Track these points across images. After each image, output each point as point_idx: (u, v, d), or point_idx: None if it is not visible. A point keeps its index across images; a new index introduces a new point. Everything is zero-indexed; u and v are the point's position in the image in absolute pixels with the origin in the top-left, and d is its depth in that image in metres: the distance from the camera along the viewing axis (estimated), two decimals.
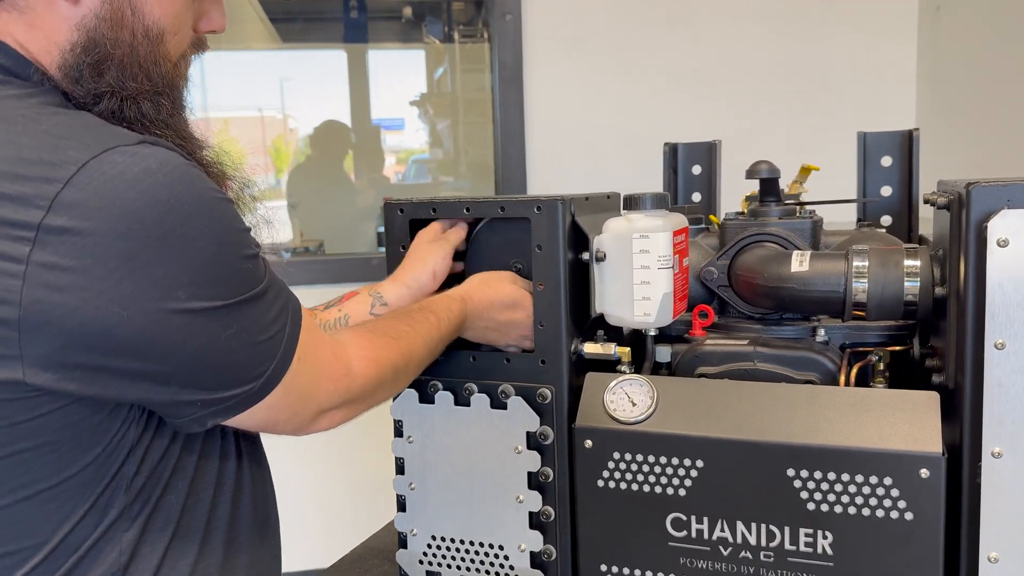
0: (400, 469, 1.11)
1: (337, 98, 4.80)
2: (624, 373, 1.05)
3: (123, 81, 0.78)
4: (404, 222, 1.10)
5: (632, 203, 1.07)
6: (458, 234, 1.10)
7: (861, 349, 1.10)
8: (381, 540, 1.31)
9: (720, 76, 2.55)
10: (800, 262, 1.05)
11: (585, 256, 1.05)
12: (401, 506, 1.12)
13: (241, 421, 0.79)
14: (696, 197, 1.50)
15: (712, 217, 1.27)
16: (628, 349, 1.05)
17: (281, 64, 5.49)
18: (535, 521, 1.05)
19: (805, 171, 1.25)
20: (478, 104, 4.37)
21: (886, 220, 1.36)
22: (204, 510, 0.84)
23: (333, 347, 0.87)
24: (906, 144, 1.34)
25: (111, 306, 0.66)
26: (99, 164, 0.66)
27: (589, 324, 1.08)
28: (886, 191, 1.37)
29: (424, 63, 5.08)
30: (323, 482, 2.61)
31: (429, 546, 1.10)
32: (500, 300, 1.03)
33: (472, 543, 1.08)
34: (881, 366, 1.06)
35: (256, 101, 5.72)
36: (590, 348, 1.06)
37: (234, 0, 4.61)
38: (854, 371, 1.02)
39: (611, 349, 1.05)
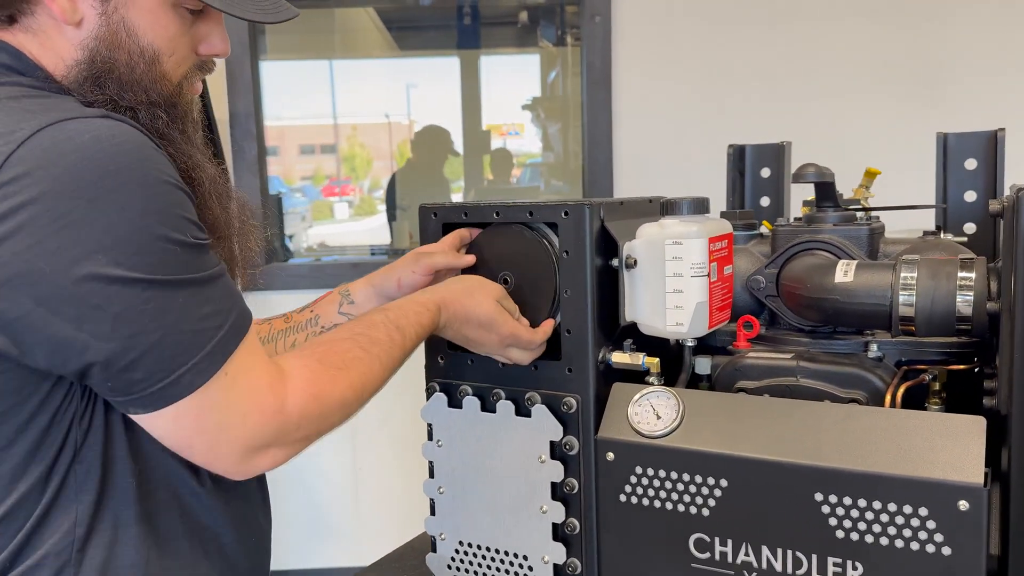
0: (431, 472, 1.11)
1: (455, 103, 4.88)
2: (652, 385, 1.01)
3: (121, 93, 0.84)
4: (438, 226, 1.10)
5: (669, 208, 1.03)
6: (443, 251, 1.08)
7: (918, 367, 1.02)
8: (423, 541, 1.31)
9: (816, 75, 2.44)
10: (845, 272, 0.98)
11: (615, 262, 1.02)
12: (432, 509, 1.12)
13: (152, 426, 0.77)
14: (764, 201, 1.44)
15: (766, 223, 1.21)
16: (657, 360, 1.01)
17: (405, 71, 5.64)
18: (560, 533, 1.03)
19: (870, 175, 1.17)
20: None
21: (969, 228, 1.25)
22: (160, 486, 0.85)
23: (271, 376, 0.81)
24: (991, 145, 1.24)
25: (36, 260, 0.69)
26: (53, 129, 0.71)
27: (619, 332, 1.05)
28: (970, 196, 1.26)
29: (538, 67, 5.10)
30: (376, 481, 2.65)
31: (457, 551, 1.10)
32: (476, 317, 0.98)
33: (498, 551, 1.06)
34: (937, 386, 0.98)
35: (383, 107, 5.90)
36: (618, 358, 1.02)
37: (352, 12, 4.78)
38: (901, 391, 0.94)
39: (639, 359, 1.01)
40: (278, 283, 2.53)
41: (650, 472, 0.96)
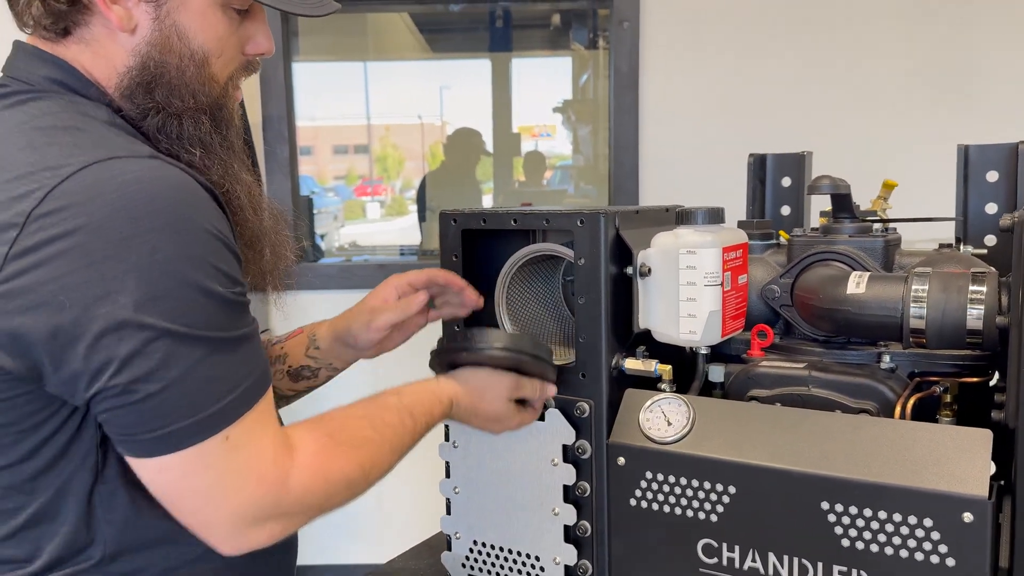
0: (447, 472, 1.13)
1: (487, 105, 4.91)
2: (664, 391, 1.03)
3: (170, 99, 0.86)
4: (457, 232, 1.12)
5: (684, 217, 1.05)
6: (393, 308, 1.09)
7: (931, 379, 1.02)
8: (440, 539, 1.34)
9: (844, 83, 2.43)
10: (857, 284, 0.99)
11: (629, 270, 1.04)
12: (448, 509, 1.14)
13: (137, 471, 0.77)
14: (785, 210, 1.44)
15: (782, 233, 1.22)
16: (669, 367, 1.03)
17: (438, 73, 5.69)
18: (571, 535, 1.05)
19: (887, 187, 1.17)
20: None
21: (990, 240, 1.25)
22: None
23: (277, 447, 0.79)
24: (1013, 158, 1.24)
25: (60, 293, 0.69)
26: (99, 167, 0.73)
27: (633, 339, 1.06)
28: (991, 208, 1.26)
29: (570, 70, 5.11)
30: (400, 480, 2.68)
31: (471, 550, 1.12)
32: (486, 413, 1.00)
33: (510, 551, 1.09)
34: (948, 398, 0.99)
35: (416, 108, 5.96)
36: (631, 364, 1.04)
37: (385, 15, 4.83)
38: (911, 402, 0.95)
39: (651, 366, 1.03)
40: (307, 283, 2.58)
41: (660, 477, 0.97)
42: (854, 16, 2.43)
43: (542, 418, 1.05)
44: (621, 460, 1.00)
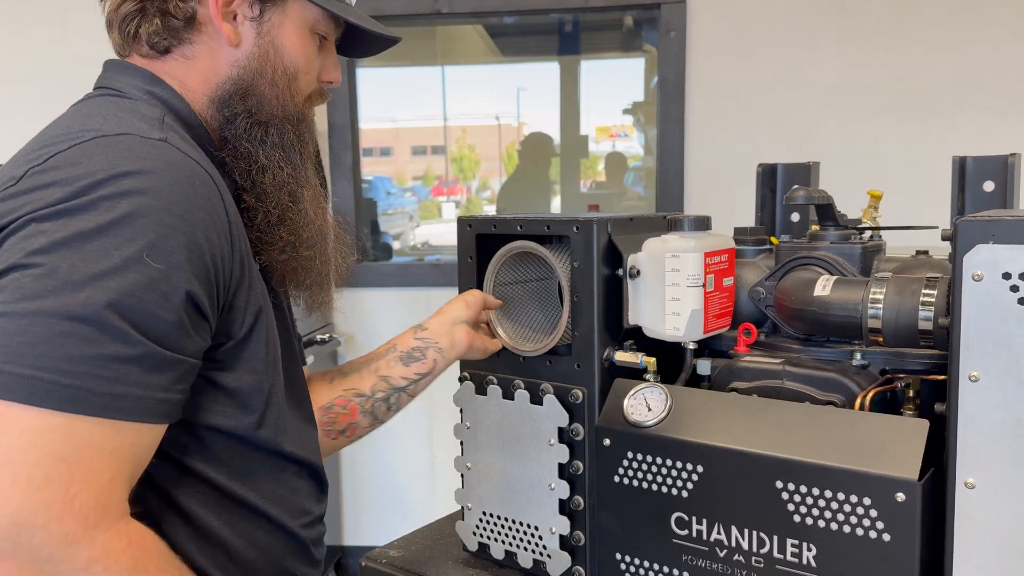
0: (462, 450, 1.27)
1: (562, 107, 5.04)
2: (648, 381, 1.14)
3: (260, 107, 0.99)
4: (471, 236, 1.26)
5: (673, 224, 1.16)
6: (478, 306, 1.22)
7: (900, 375, 1.11)
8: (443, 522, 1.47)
9: (892, 90, 2.46)
10: (824, 287, 1.08)
11: (620, 272, 1.15)
12: (462, 483, 1.28)
13: None
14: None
15: (773, 239, 1.31)
16: (654, 359, 1.14)
17: (514, 75, 5.83)
18: (566, 508, 1.17)
19: (873, 197, 1.26)
20: None
21: None
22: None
23: (100, 493, 0.71)
24: (1006, 169, 1.30)
25: (20, 242, 0.73)
26: (107, 139, 0.82)
27: (624, 334, 1.18)
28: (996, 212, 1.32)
29: (643, 71, 5.19)
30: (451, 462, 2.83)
31: (480, 520, 1.25)
32: None
33: (514, 521, 1.22)
34: (911, 392, 1.07)
35: (493, 110, 6.13)
36: (620, 356, 1.16)
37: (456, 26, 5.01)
38: (870, 395, 1.04)
39: (638, 358, 1.14)
40: (365, 281, 2.76)
41: (639, 457, 1.09)
42: (902, 23, 2.46)
43: (541, 403, 1.17)
44: (607, 441, 1.11)
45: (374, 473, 2.92)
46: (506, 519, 1.22)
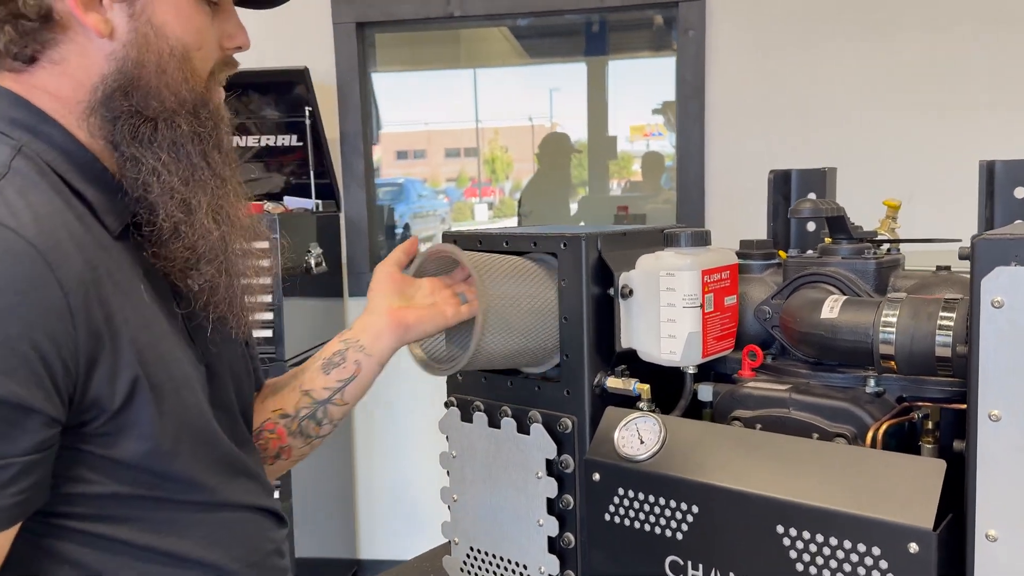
0: (449, 481, 1.20)
1: (589, 108, 4.96)
2: (642, 410, 1.05)
3: (147, 102, 0.85)
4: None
5: (669, 240, 1.07)
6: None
7: (920, 404, 1.01)
8: None
9: (917, 90, 2.34)
10: (831, 308, 0.99)
11: (612, 291, 1.07)
12: (449, 515, 1.20)
13: None
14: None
15: (781, 253, 1.21)
16: (647, 387, 1.06)
17: (546, 76, 5.77)
18: (556, 546, 1.09)
19: (891, 207, 1.16)
20: None
21: None
22: None
23: None
24: None
25: None
26: None
27: (617, 358, 1.09)
28: (1020, 227, 1.22)
29: (674, 70, 5.07)
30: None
31: (468, 555, 1.18)
32: None
33: (502, 559, 1.14)
34: (930, 424, 0.97)
35: (526, 111, 6.08)
36: (612, 383, 1.07)
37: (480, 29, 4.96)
38: (882, 429, 0.94)
39: (631, 385, 1.06)
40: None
41: (631, 494, 1.00)
42: (926, 22, 2.34)
43: (528, 432, 1.09)
44: (596, 476, 1.03)
45: (389, 487, 2.86)
46: (494, 555, 1.15)
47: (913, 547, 0.80)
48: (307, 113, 2.50)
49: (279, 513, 1.02)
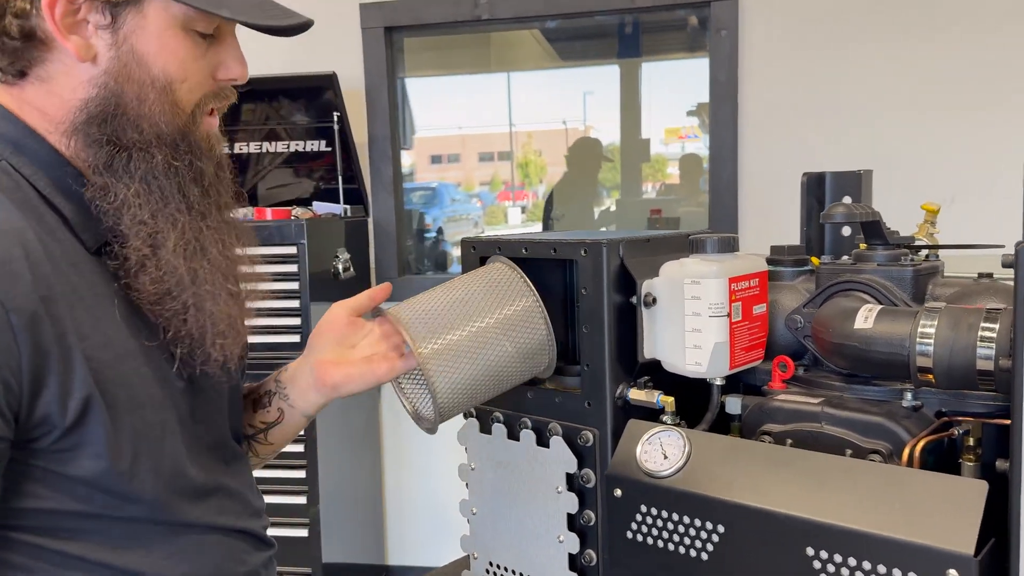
0: (468, 493, 1.16)
1: (622, 111, 4.92)
2: (667, 423, 1.01)
3: (124, 131, 0.84)
4: (476, 259, 1.15)
5: (695, 246, 1.03)
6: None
7: (960, 419, 0.95)
8: None
9: (956, 91, 2.26)
10: (865, 319, 0.94)
11: (634, 300, 1.03)
12: (469, 528, 1.17)
13: None
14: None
15: (813, 259, 1.16)
16: (672, 399, 1.01)
17: (580, 79, 5.74)
18: (577, 564, 1.05)
19: (929, 211, 1.10)
20: None
21: None
22: None
23: None
24: None
25: None
26: None
27: (641, 368, 1.05)
28: None
29: (708, 71, 5.01)
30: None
31: (487, 570, 1.15)
32: None
33: (522, 575, 1.10)
34: (971, 441, 0.92)
35: (560, 114, 6.06)
36: (635, 394, 1.03)
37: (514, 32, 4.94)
38: (919, 446, 0.89)
39: (655, 397, 1.02)
40: (407, 295, 2.67)
41: (653, 512, 0.96)
42: (964, 22, 2.26)
43: (547, 445, 1.06)
44: (618, 492, 0.99)
45: (417, 492, 2.84)
46: (513, 572, 1.11)
47: (952, 574, 0.76)
48: (335, 118, 2.49)
49: (260, 535, 1.00)
